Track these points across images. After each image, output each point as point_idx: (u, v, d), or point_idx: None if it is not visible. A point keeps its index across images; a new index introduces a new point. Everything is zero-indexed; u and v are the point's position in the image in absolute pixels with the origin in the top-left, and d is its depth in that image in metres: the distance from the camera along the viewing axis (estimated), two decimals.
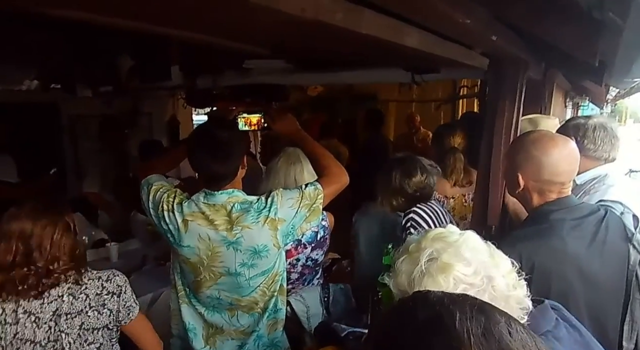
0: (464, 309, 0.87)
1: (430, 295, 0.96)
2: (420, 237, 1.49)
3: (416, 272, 1.38)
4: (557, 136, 2.16)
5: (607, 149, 2.76)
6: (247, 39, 2.97)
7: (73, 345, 2.21)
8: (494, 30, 2.36)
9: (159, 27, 2.65)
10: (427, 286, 1.35)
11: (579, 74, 4.58)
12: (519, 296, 1.37)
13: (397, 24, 1.95)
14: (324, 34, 1.86)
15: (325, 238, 3.05)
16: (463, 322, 0.84)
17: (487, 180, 2.97)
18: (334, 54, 3.41)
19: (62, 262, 2.21)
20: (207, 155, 2.30)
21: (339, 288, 2.97)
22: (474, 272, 1.35)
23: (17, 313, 2.13)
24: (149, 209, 2.46)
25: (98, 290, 2.27)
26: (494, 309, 0.91)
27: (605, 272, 2.05)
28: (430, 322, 0.87)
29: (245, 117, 2.76)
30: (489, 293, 1.34)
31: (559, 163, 2.07)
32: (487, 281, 1.34)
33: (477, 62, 2.95)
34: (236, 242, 2.30)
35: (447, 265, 1.35)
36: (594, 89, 5.97)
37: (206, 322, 2.52)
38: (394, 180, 3.04)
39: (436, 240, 1.45)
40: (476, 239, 1.46)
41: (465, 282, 1.33)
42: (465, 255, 1.37)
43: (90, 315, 2.24)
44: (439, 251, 1.40)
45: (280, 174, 2.99)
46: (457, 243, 1.42)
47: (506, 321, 0.87)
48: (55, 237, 2.21)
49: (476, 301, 0.92)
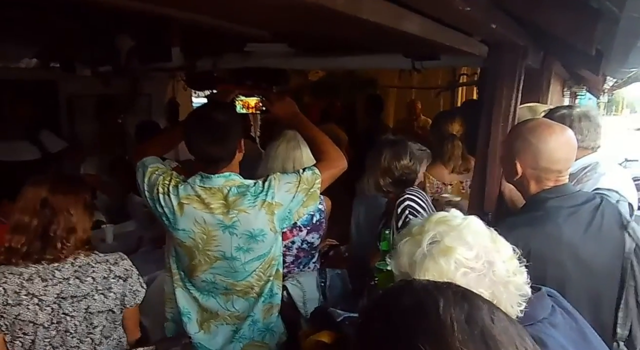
0: (448, 296, 0.88)
1: (415, 282, 0.98)
2: (424, 220, 1.51)
3: (418, 254, 1.40)
4: (554, 124, 2.16)
5: (593, 138, 2.78)
6: (248, 22, 2.96)
7: (79, 327, 2.24)
8: (493, 17, 2.35)
9: (161, 7, 2.65)
10: (429, 268, 1.37)
11: (577, 63, 4.57)
12: (519, 282, 1.39)
13: (398, 10, 1.94)
14: (325, 18, 1.85)
15: (321, 221, 3.06)
16: (446, 308, 0.85)
17: (485, 168, 2.97)
18: (334, 39, 3.40)
19: (77, 236, 2.23)
20: (204, 138, 2.29)
21: (336, 273, 2.98)
22: (475, 256, 1.36)
23: (19, 294, 2.12)
24: (144, 192, 2.45)
25: (105, 273, 2.29)
26: (476, 296, 0.92)
27: (600, 259, 2.07)
28: (414, 308, 0.88)
29: (243, 100, 2.75)
30: (489, 278, 1.35)
31: (556, 151, 2.08)
32: (488, 266, 1.36)
33: (477, 50, 2.95)
34: (232, 226, 2.30)
35: (449, 248, 1.37)
36: (591, 78, 5.97)
37: (201, 307, 2.51)
38: (383, 160, 3.06)
39: (439, 223, 1.46)
40: (479, 223, 1.47)
41: (466, 265, 1.35)
42: (468, 239, 1.39)
43: (96, 299, 2.26)
44: (441, 234, 1.41)
45: (279, 157, 2.99)
46: (460, 227, 1.43)
47: (488, 308, 0.89)
48: (75, 209, 2.24)
49: (459, 289, 0.94)
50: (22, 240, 2.16)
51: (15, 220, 2.19)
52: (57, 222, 2.18)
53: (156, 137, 2.89)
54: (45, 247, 2.18)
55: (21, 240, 2.16)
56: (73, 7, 2.87)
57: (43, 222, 2.17)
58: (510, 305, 1.37)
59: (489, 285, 1.35)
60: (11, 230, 2.18)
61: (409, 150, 3.09)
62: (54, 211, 2.18)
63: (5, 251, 2.17)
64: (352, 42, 3.54)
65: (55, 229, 2.18)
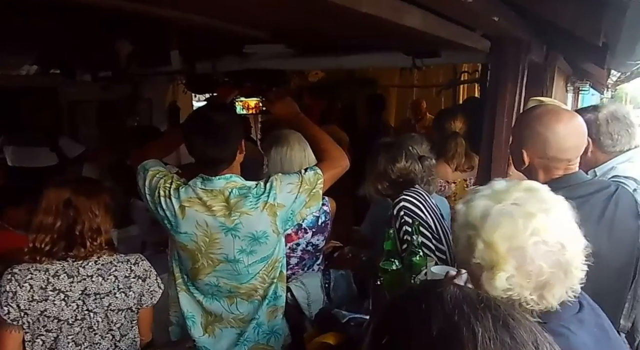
0: (487, 325, 0.78)
1: (447, 295, 0.85)
2: (511, 184, 1.49)
3: (496, 209, 1.39)
4: (562, 111, 2.11)
5: (626, 141, 2.60)
6: (246, 21, 2.94)
7: (101, 323, 2.29)
8: (495, 10, 2.33)
9: (158, 8, 2.62)
10: (501, 224, 1.35)
11: (581, 56, 4.54)
12: (577, 277, 1.38)
13: (398, 3, 1.92)
14: (323, 13, 1.83)
15: (326, 223, 3.03)
16: (485, 343, 0.75)
17: (489, 165, 2.95)
18: (334, 37, 3.38)
19: (103, 236, 2.30)
20: (204, 139, 2.27)
21: (340, 274, 2.96)
22: (553, 232, 1.35)
23: (45, 290, 2.17)
24: (145, 195, 2.43)
25: (127, 272, 2.34)
26: (520, 324, 0.81)
27: (613, 250, 2.00)
28: (446, 338, 0.77)
29: (243, 100, 2.73)
30: (557, 258, 1.34)
31: (565, 139, 2.02)
32: (561, 248, 1.35)
33: (479, 45, 2.92)
34: (234, 228, 2.28)
35: (531, 213, 1.35)
36: (596, 73, 5.94)
37: (205, 310, 2.49)
38: (379, 164, 3.05)
39: (528, 191, 1.44)
40: (566, 208, 1.43)
41: (542, 237, 1.33)
42: (552, 215, 1.37)
43: (117, 297, 2.31)
44: (525, 200, 1.40)
45: (279, 158, 2.96)
46: (548, 203, 1.41)
47: (533, 342, 0.79)
48: (99, 210, 2.30)
49: (500, 313, 0.82)
50: (46, 240, 2.21)
51: (39, 221, 2.23)
52: (82, 222, 2.24)
53: (156, 140, 2.87)
54: (71, 245, 2.23)
55: (45, 239, 2.21)
56: (71, 12, 2.85)
57: (67, 222, 2.23)
58: (559, 296, 1.36)
59: (552, 265, 1.33)
60: (35, 230, 2.23)
61: (404, 151, 3.07)
62: (77, 211, 2.24)
63: (30, 251, 2.22)
64: (352, 40, 3.52)
65: (80, 229, 2.24)
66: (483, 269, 1.37)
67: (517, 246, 1.33)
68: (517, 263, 1.32)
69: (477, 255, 1.37)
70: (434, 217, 2.98)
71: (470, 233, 1.41)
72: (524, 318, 0.84)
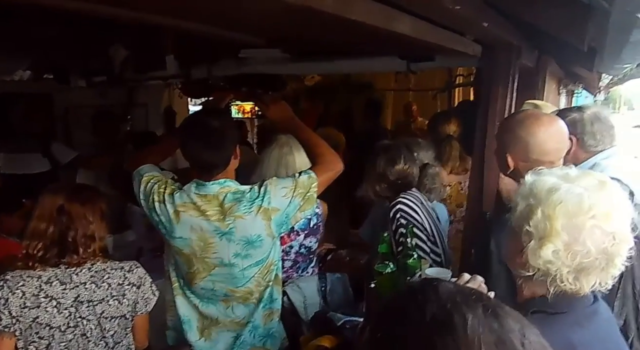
0: (477, 312, 0.82)
1: (441, 288, 0.90)
2: (585, 172, 1.53)
3: (565, 186, 1.42)
4: (542, 115, 2.16)
5: (608, 141, 2.72)
6: (240, 28, 2.95)
7: (94, 331, 2.28)
8: (484, 16, 2.35)
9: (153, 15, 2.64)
10: (567, 200, 1.38)
11: (571, 61, 4.57)
12: (613, 272, 1.41)
13: (388, 10, 1.94)
14: (315, 21, 1.85)
15: (318, 225, 3.05)
16: (475, 326, 0.80)
17: (482, 167, 2.97)
18: (328, 43, 3.40)
19: (97, 243, 2.30)
20: (198, 144, 2.29)
21: (337, 277, 2.97)
22: (612, 223, 1.38)
23: (38, 297, 2.16)
24: (140, 200, 2.45)
25: (120, 280, 2.33)
26: (508, 314, 0.87)
27: None
28: (438, 322, 0.82)
29: (238, 104, 2.75)
30: (606, 247, 1.37)
31: (546, 142, 2.08)
32: (612, 239, 1.37)
33: (470, 49, 2.95)
34: (229, 233, 2.29)
35: (598, 199, 1.39)
36: (587, 76, 5.96)
37: (201, 314, 2.50)
38: (377, 167, 3.07)
39: (601, 182, 1.46)
40: (631, 209, 1.46)
41: (600, 222, 1.36)
42: (615, 208, 1.40)
43: (111, 304, 2.30)
44: (596, 188, 1.43)
45: (272, 163, 2.98)
46: (616, 196, 1.44)
47: (520, 330, 0.84)
48: (93, 217, 2.30)
49: (490, 304, 0.87)
50: (39, 246, 2.20)
51: (32, 227, 2.24)
52: (75, 229, 2.24)
53: (152, 145, 2.88)
54: (64, 252, 2.23)
55: (38, 245, 2.20)
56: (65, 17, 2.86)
57: (60, 228, 2.22)
58: (592, 282, 1.40)
59: (599, 252, 1.36)
60: (28, 236, 2.23)
61: (403, 154, 3.09)
62: (71, 218, 2.24)
63: (23, 257, 2.22)
64: (346, 46, 3.54)
65: (73, 235, 2.23)
66: (532, 237, 1.41)
67: (575, 225, 1.36)
68: (569, 240, 1.36)
69: (532, 224, 1.41)
70: (429, 220, 3.00)
71: (531, 202, 1.44)
72: (513, 311, 0.89)
